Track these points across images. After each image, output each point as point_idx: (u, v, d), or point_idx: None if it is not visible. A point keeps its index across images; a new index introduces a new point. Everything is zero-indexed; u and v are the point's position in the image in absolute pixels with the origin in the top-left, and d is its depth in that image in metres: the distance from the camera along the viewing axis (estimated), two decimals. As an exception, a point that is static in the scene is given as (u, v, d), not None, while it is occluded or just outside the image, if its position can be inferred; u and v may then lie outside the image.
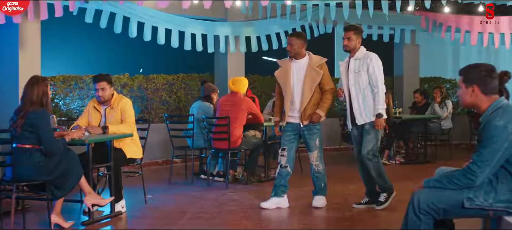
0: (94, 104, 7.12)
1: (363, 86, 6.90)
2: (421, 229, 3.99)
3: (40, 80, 6.10)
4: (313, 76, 6.97)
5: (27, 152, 5.87)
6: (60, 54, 15.33)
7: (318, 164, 7.14)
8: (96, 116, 7.06)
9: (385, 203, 6.99)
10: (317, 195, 7.22)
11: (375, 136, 6.94)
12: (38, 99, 5.97)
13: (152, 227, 6.40)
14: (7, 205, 6.29)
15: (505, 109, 3.92)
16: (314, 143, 7.09)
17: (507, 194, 3.89)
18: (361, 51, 7.00)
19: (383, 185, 7.03)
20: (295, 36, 7.17)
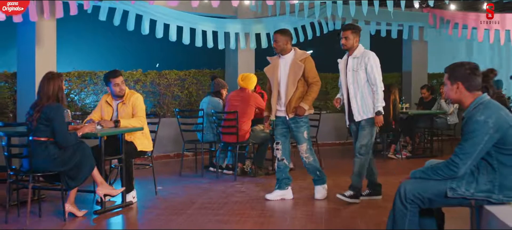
0: (106, 99, 7.43)
1: (361, 84, 7.07)
2: (407, 217, 4.27)
3: (55, 76, 6.39)
4: (295, 70, 7.20)
5: (43, 145, 6.20)
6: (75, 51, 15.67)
7: (308, 156, 7.35)
8: (108, 110, 7.36)
9: (346, 198, 7.11)
10: (316, 185, 7.45)
11: (370, 132, 7.13)
12: (53, 94, 6.27)
13: (161, 216, 6.70)
14: (24, 194, 6.65)
15: (486, 105, 4.18)
16: (302, 135, 7.30)
17: (487, 184, 4.14)
18: (359, 50, 7.17)
19: (356, 184, 7.16)
20: (280, 33, 7.39)
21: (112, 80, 7.28)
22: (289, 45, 7.38)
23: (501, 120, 4.10)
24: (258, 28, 12.03)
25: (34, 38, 9.37)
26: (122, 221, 6.63)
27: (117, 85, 7.28)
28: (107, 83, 7.32)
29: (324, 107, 13.62)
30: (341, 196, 7.13)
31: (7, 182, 6.49)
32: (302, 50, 7.39)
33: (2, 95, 9.62)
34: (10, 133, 6.59)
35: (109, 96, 7.42)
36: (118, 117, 7.26)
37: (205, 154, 9.96)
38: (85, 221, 6.39)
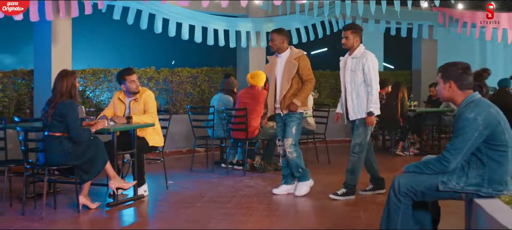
0: (119, 96, 7.69)
1: (358, 84, 7.21)
2: (400, 210, 4.49)
3: (68, 74, 6.64)
4: (289, 68, 7.39)
5: (57, 140, 6.47)
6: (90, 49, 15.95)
7: (292, 152, 7.47)
8: (121, 107, 7.62)
9: (339, 197, 7.29)
10: (299, 182, 7.60)
11: (364, 132, 7.27)
12: (67, 91, 6.52)
13: (170, 208, 6.96)
14: (40, 187, 6.91)
15: (477, 103, 4.39)
16: (291, 130, 7.45)
17: (477, 178, 4.36)
18: (359, 50, 7.31)
19: (349, 181, 7.33)
20: (276, 32, 7.60)
21: (127, 78, 7.52)
22: (286, 44, 7.58)
23: (490, 118, 4.31)
24: (269, 27, 12.23)
25: (50, 37, 9.61)
26: (134, 213, 6.89)
27: (133, 82, 7.53)
28: (122, 81, 7.54)
29: (334, 105, 13.80)
30: (334, 195, 7.32)
31: (24, 175, 6.77)
32: (298, 49, 7.58)
33: (20, 92, 9.89)
34: (26, 128, 6.84)
35: (122, 93, 7.67)
36: (130, 113, 7.51)
37: (216, 150, 10.21)
38: (98, 213, 6.65)
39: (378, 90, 7.25)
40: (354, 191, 7.37)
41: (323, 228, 6.09)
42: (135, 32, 11.99)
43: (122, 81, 7.55)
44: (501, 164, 4.34)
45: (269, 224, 6.29)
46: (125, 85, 7.53)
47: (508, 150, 4.36)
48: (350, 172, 7.33)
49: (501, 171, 4.35)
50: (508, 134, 4.37)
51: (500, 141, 4.32)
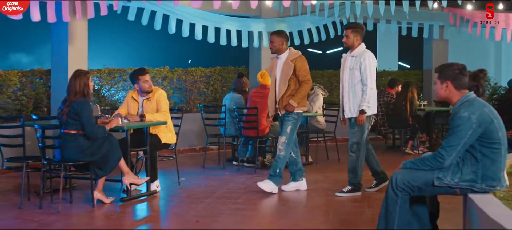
0: (132, 94, 7.93)
1: (355, 82, 7.37)
2: (398, 204, 4.70)
3: (81, 74, 6.92)
4: (286, 69, 7.58)
5: (73, 137, 6.74)
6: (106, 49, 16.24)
7: (282, 150, 7.63)
8: (134, 105, 7.87)
9: (345, 194, 7.47)
10: (268, 179, 7.68)
11: (360, 130, 7.40)
12: (80, 90, 6.79)
13: (182, 204, 7.22)
14: (56, 183, 7.17)
15: (471, 102, 4.59)
16: (286, 129, 7.62)
17: (471, 174, 4.55)
18: (358, 49, 7.47)
19: (353, 180, 7.50)
20: (275, 34, 7.81)
21: (141, 78, 7.75)
22: (285, 46, 7.75)
23: (484, 116, 4.50)
24: (281, 27, 12.38)
25: (67, 37, 9.83)
26: (146, 208, 7.16)
27: (146, 81, 7.76)
28: (136, 81, 7.77)
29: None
30: (340, 193, 7.51)
31: (41, 171, 7.04)
32: (296, 50, 7.74)
33: (37, 91, 10.16)
34: (44, 126, 7.11)
35: (135, 92, 7.90)
36: (144, 112, 7.75)
37: (228, 148, 10.44)
38: (112, 208, 6.91)
39: (374, 90, 7.38)
40: (359, 188, 7.54)
41: (328, 223, 6.29)
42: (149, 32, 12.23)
43: (135, 80, 7.78)
44: (494, 161, 4.54)
45: (277, 219, 6.52)
46: (139, 85, 7.77)
47: (501, 148, 4.55)
48: (351, 171, 7.51)
49: (494, 167, 4.54)
50: (501, 132, 4.56)
51: (493, 139, 4.52)
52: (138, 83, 7.78)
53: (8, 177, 8.56)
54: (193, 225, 6.16)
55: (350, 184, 7.53)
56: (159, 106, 7.78)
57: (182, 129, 8.62)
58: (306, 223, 6.33)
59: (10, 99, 9.72)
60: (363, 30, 7.62)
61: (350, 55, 7.53)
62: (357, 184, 7.52)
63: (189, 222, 6.28)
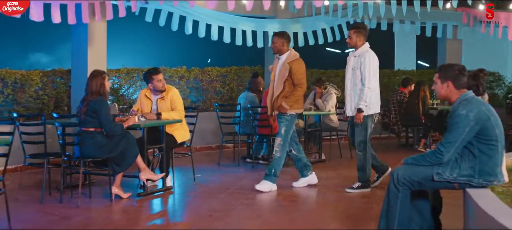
0: (145, 93, 8.17)
1: (357, 81, 7.54)
2: (399, 198, 4.92)
3: (98, 74, 7.21)
4: (282, 71, 7.75)
5: (91, 134, 7.03)
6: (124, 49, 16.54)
7: (278, 151, 7.80)
8: (147, 103, 8.13)
9: (354, 190, 7.67)
10: (264, 179, 7.85)
11: (363, 129, 7.57)
12: (97, 89, 7.08)
13: (196, 198, 7.49)
14: (76, 178, 7.46)
15: (469, 101, 4.80)
16: (280, 130, 7.79)
17: (469, 170, 4.76)
18: (361, 49, 7.61)
19: (362, 176, 7.69)
20: (277, 35, 7.99)
21: (154, 77, 7.99)
22: (286, 47, 7.89)
23: (481, 114, 4.71)
24: (296, 28, 12.66)
25: (86, 38, 10.12)
26: (162, 202, 7.42)
27: (159, 81, 8.01)
28: (149, 80, 8.01)
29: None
30: (350, 189, 7.71)
31: (62, 167, 7.36)
32: (295, 53, 7.92)
33: (58, 90, 10.46)
34: (64, 124, 7.41)
35: (148, 90, 8.13)
36: (158, 111, 7.98)
37: (243, 145, 10.68)
38: (129, 202, 7.18)
39: (373, 89, 7.51)
40: (368, 185, 7.74)
41: (337, 217, 6.51)
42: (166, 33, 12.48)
43: (149, 80, 8.02)
44: (491, 157, 4.74)
45: (287, 213, 6.74)
46: (152, 84, 8.00)
47: (498, 144, 4.76)
48: (360, 169, 7.71)
49: (491, 163, 4.74)
50: (498, 129, 4.77)
51: (490, 136, 4.72)
52: (152, 82, 8.01)
53: (30, 173, 8.87)
54: (206, 218, 6.42)
55: (359, 181, 7.73)
56: (174, 105, 8.03)
57: (199, 127, 8.88)
58: (315, 217, 6.56)
59: (32, 98, 10.04)
60: (366, 30, 7.75)
61: (353, 55, 7.70)
62: (366, 181, 7.72)
63: (202, 216, 6.55)
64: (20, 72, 9.95)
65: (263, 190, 7.74)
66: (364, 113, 7.51)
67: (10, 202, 6.12)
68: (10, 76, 9.73)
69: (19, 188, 7.62)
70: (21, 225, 6.11)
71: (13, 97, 9.79)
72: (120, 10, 9.90)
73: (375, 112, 7.67)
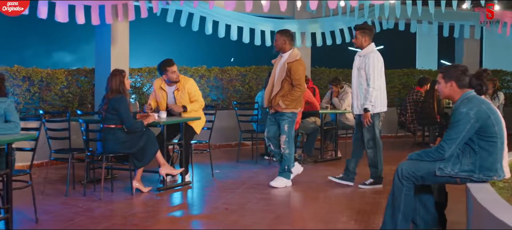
0: (160, 84, 8.36)
1: (362, 81, 7.74)
2: (403, 192, 5.17)
3: (117, 73, 7.50)
4: (282, 71, 7.93)
5: (112, 131, 7.34)
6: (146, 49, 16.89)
7: (285, 148, 7.99)
8: (162, 95, 8.34)
9: (367, 186, 7.89)
10: (278, 176, 8.09)
11: (370, 127, 7.77)
12: (116, 88, 7.37)
13: (213, 193, 7.82)
14: (99, 173, 7.80)
15: (470, 99, 5.04)
16: (283, 128, 7.97)
17: (470, 165, 5.00)
18: (366, 49, 7.80)
19: (374, 173, 7.92)
20: (279, 33, 8.09)
21: (169, 69, 8.17)
22: (288, 45, 8.00)
23: (481, 112, 4.94)
24: (314, 28, 12.92)
25: (109, 38, 10.45)
26: (181, 196, 7.73)
27: (174, 72, 8.20)
28: (163, 71, 8.19)
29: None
30: (362, 185, 7.94)
31: (85, 162, 7.71)
32: (296, 52, 8.03)
33: (82, 88, 10.82)
34: (88, 121, 7.76)
35: (163, 82, 8.32)
36: (176, 102, 8.22)
37: (261, 143, 10.94)
38: (149, 196, 7.49)
39: (378, 89, 7.70)
40: (381, 181, 7.96)
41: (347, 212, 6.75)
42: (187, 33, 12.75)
43: (163, 71, 8.21)
44: (491, 153, 4.97)
45: (299, 208, 7.04)
46: (166, 75, 8.19)
47: (498, 141, 4.99)
48: (371, 166, 7.94)
49: (491, 159, 4.97)
50: (498, 126, 4.99)
51: (490, 133, 4.96)
52: (165, 73, 8.20)
53: (55, 168, 9.23)
54: (222, 211, 6.72)
55: (371, 177, 7.97)
56: (194, 97, 8.27)
57: (219, 125, 9.15)
58: (326, 211, 6.81)
59: (57, 96, 10.41)
60: (371, 31, 7.93)
61: (359, 55, 7.92)
62: (378, 177, 7.94)
63: (218, 209, 6.86)
64: (46, 71, 10.32)
65: (277, 186, 7.98)
66: (371, 112, 7.71)
67: (37, 194, 6.45)
68: (36, 74, 10.10)
69: (45, 182, 7.93)
70: (46, 216, 6.44)
71: (39, 95, 10.16)
72: (142, 11, 10.22)
73: (381, 111, 7.86)
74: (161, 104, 8.35)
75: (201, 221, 6.69)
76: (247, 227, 6.12)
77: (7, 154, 5.64)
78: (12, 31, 18.19)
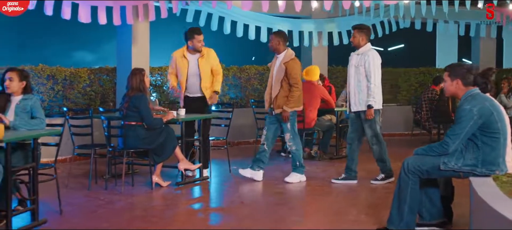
0: (182, 53, 8.51)
1: (360, 78, 7.92)
2: (409, 185, 5.39)
3: (137, 71, 7.77)
4: (279, 72, 8.13)
5: (133, 127, 7.63)
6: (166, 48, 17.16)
7: (292, 145, 8.23)
8: (183, 64, 8.48)
9: (379, 181, 8.08)
10: (292, 172, 8.32)
11: (372, 123, 7.94)
12: (137, 86, 7.65)
13: (229, 187, 8.12)
14: (120, 168, 8.09)
15: (474, 97, 5.26)
16: (286, 126, 8.21)
17: (472, 160, 5.22)
18: (364, 48, 7.97)
19: (383, 167, 8.09)
20: (274, 34, 8.30)
21: (197, 37, 8.40)
22: (282, 46, 8.17)
23: (484, 109, 5.16)
24: (331, 27, 13.13)
25: (130, 38, 10.72)
26: (198, 190, 8.02)
27: (200, 41, 8.42)
28: (191, 38, 8.39)
29: (394, 100, 14.67)
30: (374, 181, 8.13)
31: (107, 157, 8.03)
32: (291, 52, 8.20)
33: (104, 86, 11.12)
34: (109, 118, 8.04)
35: (185, 50, 8.50)
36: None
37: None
38: (168, 190, 7.78)
39: (377, 86, 7.88)
40: (392, 174, 8.13)
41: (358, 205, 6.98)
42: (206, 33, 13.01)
43: (191, 37, 8.38)
44: (493, 148, 5.19)
45: (313, 200, 7.29)
46: (192, 42, 8.39)
47: (500, 137, 5.20)
48: (379, 161, 8.13)
49: (494, 154, 5.19)
50: (500, 123, 5.20)
51: (493, 129, 5.17)
52: (192, 40, 8.39)
53: (78, 163, 9.56)
54: (238, 204, 7.02)
55: (382, 172, 8.18)
56: (215, 67, 8.54)
57: (237, 123, 9.40)
58: (338, 205, 7.05)
59: (80, 94, 10.74)
60: (368, 30, 8.14)
61: (356, 53, 8.09)
62: (388, 171, 8.14)
63: (234, 202, 7.16)
64: (69, 70, 10.65)
65: (292, 182, 8.23)
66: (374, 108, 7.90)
67: (61, 188, 6.76)
68: (60, 73, 10.44)
69: (68, 176, 8.25)
70: (70, 207, 6.76)
71: (63, 93, 10.49)
72: (162, 11, 10.46)
73: (380, 107, 8.02)
74: (182, 73, 8.46)
75: (218, 213, 6.97)
76: (261, 219, 6.39)
77: (33, 149, 5.95)
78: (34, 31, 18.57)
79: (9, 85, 6.21)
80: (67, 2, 9.22)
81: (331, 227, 6.04)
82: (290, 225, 6.19)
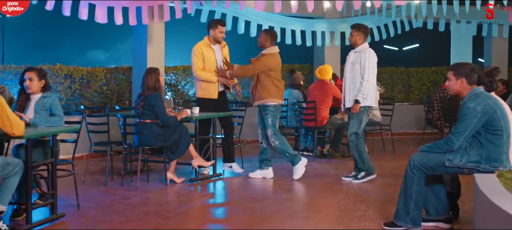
0: (207, 43, 8.68)
1: (355, 75, 8.05)
2: (415, 181, 5.55)
3: (152, 71, 7.96)
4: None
5: (148, 125, 7.84)
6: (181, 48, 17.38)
7: (274, 140, 8.39)
8: (210, 54, 8.67)
9: (360, 180, 8.18)
10: (293, 167, 8.47)
11: (357, 120, 8.05)
12: (152, 85, 7.84)
13: (241, 184, 8.31)
14: (135, 165, 8.31)
15: (478, 95, 5.41)
16: (267, 121, 8.40)
17: (476, 156, 5.36)
18: (361, 46, 8.12)
19: (361, 165, 8.19)
20: (263, 31, 8.65)
21: (220, 27, 8.65)
22: (268, 43, 8.44)
23: (487, 107, 5.31)
24: (343, 27, 13.27)
25: (146, 38, 10.96)
26: (212, 186, 8.23)
27: (222, 32, 8.68)
28: (214, 27, 8.63)
29: (406, 99, 14.79)
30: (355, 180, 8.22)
31: (123, 154, 8.26)
32: (274, 49, 8.49)
33: (120, 85, 11.37)
34: (125, 116, 8.25)
35: (207, 42, 8.67)
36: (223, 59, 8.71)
37: (290, 138, 11.34)
38: (182, 186, 7.99)
39: (371, 83, 8.00)
40: (373, 171, 8.27)
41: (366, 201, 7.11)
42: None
43: (213, 26, 8.64)
44: (497, 145, 5.33)
45: (323, 196, 7.45)
46: (214, 32, 8.63)
47: (503, 134, 5.34)
48: (356, 158, 8.22)
49: (497, 151, 5.34)
50: (503, 121, 5.35)
51: (496, 127, 5.32)
52: (214, 29, 8.62)
53: (95, 160, 9.81)
54: (249, 200, 7.21)
55: (363, 171, 8.25)
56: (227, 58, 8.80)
57: (250, 121, 9.56)
58: (346, 201, 7.17)
59: (97, 93, 10.98)
60: (367, 30, 8.29)
61: (354, 51, 8.24)
62: (367, 168, 8.22)
63: (246, 198, 7.35)
64: (86, 69, 10.90)
65: (299, 176, 8.41)
66: (361, 105, 8.00)
67: (78, 184, 6.97)
68: (77, 73, 10.69)
69: (85, 173, 8.46)
70: (87, 203, 6.97)
71: (80, 92, 10.74)
72: (176, 11, 10.69)
73: (370, 105, 8.11)
74: (212, 61, 8.66)
75: (229, 208, 7.18)
76: (272, 214, 6.57)
77: (52, 145, 6.16)
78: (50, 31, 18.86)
79: (30, 85, 6.40)
80: (84, 2, 9.44)
81: (339, 222, 6.19)
82: (300, 220, 6.35)
